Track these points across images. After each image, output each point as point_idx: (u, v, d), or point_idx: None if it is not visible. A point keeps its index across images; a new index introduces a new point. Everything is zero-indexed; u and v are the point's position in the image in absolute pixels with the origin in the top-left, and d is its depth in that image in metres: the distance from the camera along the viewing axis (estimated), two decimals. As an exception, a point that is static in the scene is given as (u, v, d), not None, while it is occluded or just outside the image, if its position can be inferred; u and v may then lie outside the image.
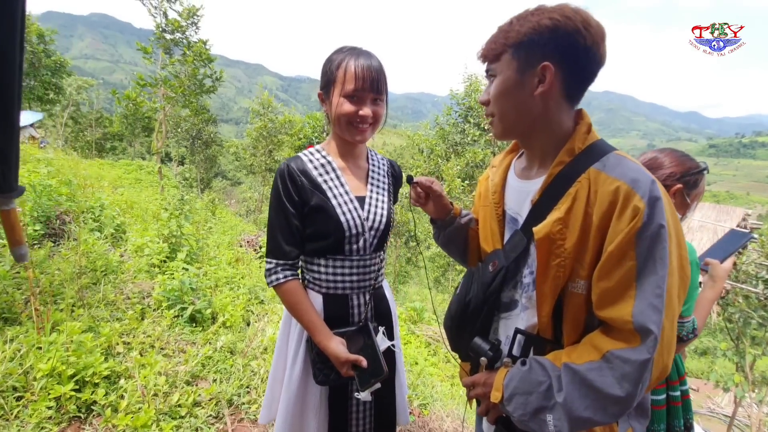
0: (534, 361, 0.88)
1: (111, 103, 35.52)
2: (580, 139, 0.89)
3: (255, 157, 18.13)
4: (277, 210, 1.23)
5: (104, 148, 24.19)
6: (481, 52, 0.95)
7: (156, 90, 10.35)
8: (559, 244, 0.85)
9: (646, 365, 0.75)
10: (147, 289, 3.12)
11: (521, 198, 1.00)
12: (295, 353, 1.28)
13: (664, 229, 0.76)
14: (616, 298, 0.79)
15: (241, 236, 6.93)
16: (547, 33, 0.84)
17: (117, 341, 2.34)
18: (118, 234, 4.22)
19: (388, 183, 1.41)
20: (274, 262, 1.24)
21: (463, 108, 11.82)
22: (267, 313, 3.47)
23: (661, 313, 0.75)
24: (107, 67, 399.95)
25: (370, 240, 1.29)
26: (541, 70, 0.86)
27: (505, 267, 0.98)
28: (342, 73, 1.18)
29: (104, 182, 7.57)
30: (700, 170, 1.37)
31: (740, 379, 5.45)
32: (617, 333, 0.79)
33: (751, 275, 5.45)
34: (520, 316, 0.98)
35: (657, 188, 0.78)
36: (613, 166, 0.82)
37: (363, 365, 1.17)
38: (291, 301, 1.23)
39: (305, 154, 1.30)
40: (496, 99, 0.93)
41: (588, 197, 0.83)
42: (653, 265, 0.76)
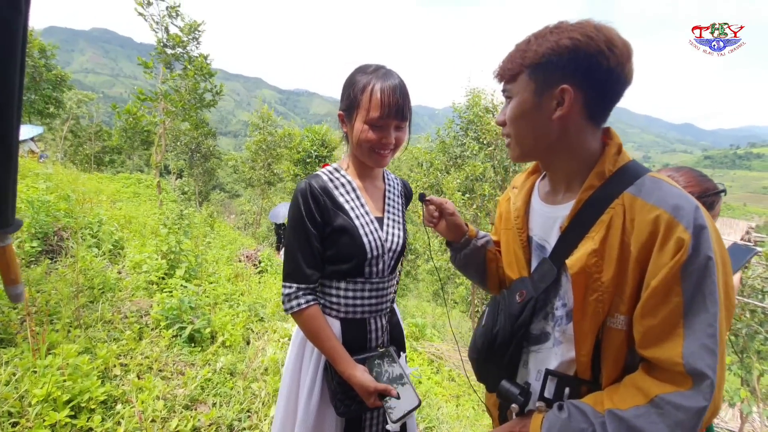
0: (572, 406, 0.81)
1: (111, 116, 35.68)
2: (610, 161, 0.84)
3: (254, 170, 18.15)
4: (298, 231, 1.17)
5: (103, 161, 24.21)
6: (498, 71, 0.91)
7: (156, 104, 10.38)
8: (596, 278, 0.80)
9: (702, 413, 0.69)
10: (145, 307, 3.05)
11: (548, 224, 0.95)
12: (312, 383, 1.22)
13: (712, 261, 0.70)
14: (662, 337, 0.73)
15: (240, 251, 6.86)
16: (566, 54, 0.79)
17: (114, 363, 2.27)
18: (116, 250, 4.16)
19: (402, 203, 1.38)
20: (295, 286, 1.17)
21: (465, 121, 11.88)
22: (267, 331, 3.40)
23: (715, 355, 0.69)
24: (107, 81, 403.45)
25: (388, 262, 1.25)
26: (560, 93, 0.81)
27: (534, 298, 0.93)
28: (367, 98, 1.13)
29: (103, 196, 7.53)
30: (717, 192, 1.34)
31: (746, 394, 5.36)
32: (664, 374, 0.73)
33: (756, 289, 5.41)
34: (553, 350, 0.92)
35: (702, 215, 0.72)
36: (650, 190, 0.77)
37: (393, 395, 1.11)
38: (313, 327, 1.17)
39: (324, 173, 1.25)
40: (513, 121, 0.89)
41: (624, 225, 0.77)
42: (703, 302, 0.70)
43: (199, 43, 10.83)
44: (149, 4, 10.05)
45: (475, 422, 3.31)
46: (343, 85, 1.22)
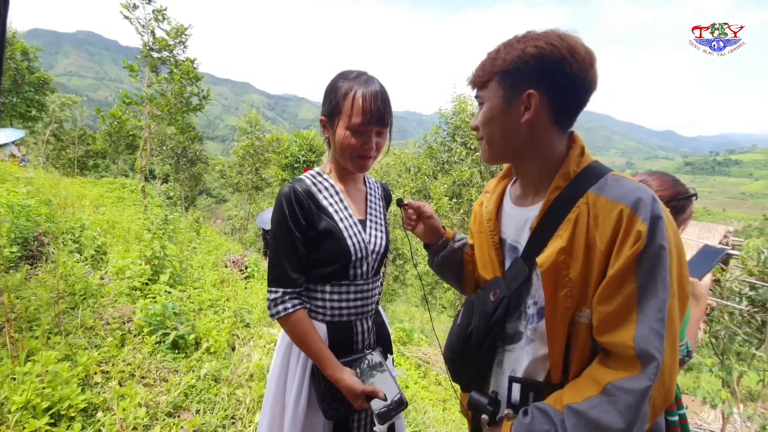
0: (535, 408, 0.84)
1: (95, 120, 35.03)
2: (574, 163, 0.89)
3: (241, 175, 18.01)
4: (282, 235, 1.17)
5: (86, 165, 23.75)
6: (470, 79, 0.96)
7: (141, 108, 10.26)
8: (564, 274, 0.83)
9: (647, 393, 0.73)
10: (128, 313, 3.01)
11: (519, 225, 0.98)
12: (300, 387, 1.22)
13: (665, 250, 0.75)
14: (617, 323, 0.77)
15: (227, 256, 6.80)
16: (532, 61, 0.84)
17: (95, 370, 2.23)
18: (99, 255, 4.09)
19: (383, 206, 1.41)
20: (281, 290, 1.17)
21: (451, 127, 12.01)
22: (253, 336, 3.37)
23: (662, 338, 0.74)
24: (92, 84, 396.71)
25: (372, 264, 1.27)
26: (527, 98, 0.86)
27: (507, 297, 0.96)
28: (349, 105, 1.15)
29: (85, 201, 7.39)
30: (688, 196, 1.39)
31: (727, 395, 5.48)
32: (617, 361, 0.78)
33: (734, 292, 5.56)
34: (525, 349, 0.95)
35: (658, 206, 0.77)
36: (612, 188, 0.81)
37: (380, 397, 1.12)
38: (299, 332, 1.17)
39: (308, 177, 1.26)
40: (484, 125, 0.94)
41: (588, 223, 0.82)
42: (654, 288, 0.75)
43: (186, 46, 10.76)
44: (135, 7, 9.96)
45: (462, 426, 3.32)
46: (325, 91, 1.24)
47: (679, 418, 1.36)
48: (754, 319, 5.37)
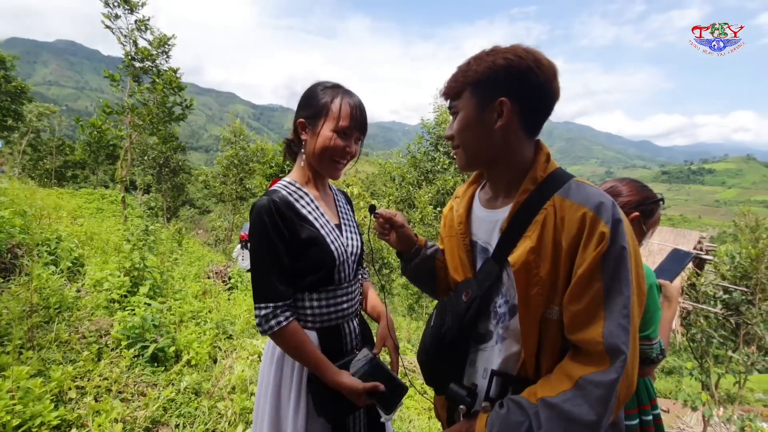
0: (510, 401, 0.87)
1: (74, 130, 34.21)
2: (541, 168, 0.94)
3: (225, 185, 17.79)
4: (266, 249, 1.15)
5: (65, 176, 23.15)
6: (444, 90, 0.99)
7: (123, 118, 10.10)
8: (535, 273, 0.87)
9: (615, 384, 0.77)
10: (105, 326, 2.93)
11: (489, 227, 1.02)
12: (297, 399, 1.21)
13: (626, 251, 0.80)
14: (586, 320, 0.81)
15: (209, 267, 6.68)
16: (502, 71, 0.89)
17: (69, 386, 2.16)
18: (76, 267, 3.98)
19: (350, 209, 1.45)
20: (272, 305, 1.15)
21: (434, 137, 12.16)
22: (236, 348, 3.32)
23: (628, 333, 0.79)
24: (72, 94, 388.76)
25: (352, 266, 1.30)
26: (499, 105, 0.91)
27: (479, 296, 0.99)
28: (337, 108, 1.19)
29: (63, 212, 7.20)
30: (656, 200, 1.44)
31: (707, 398, 5.61)
32: (587, 357, 0.82)
33: (709, 296, 5.72)
34: (497, 347, 0.98)
35: (618, 210, 0.83)
36: (575, 192, 0.87)
37: (381, 389, 1.15)
38: (295, 343, 1.16)
39: (282, 187, 1.26)
40: (460, 133, 0.98)
41: (555, 224, 0.86)
42: (619, 286, 0.80)
43: (169, 56, 10.65)
44: (117, 17, 9.86)
45: (448, 434, 3.31)
46: (304, 97, 1.27)
47: (654, 418, 1.40)
48: (728, 322, 5.54)
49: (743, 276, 5.56)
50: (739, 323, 5.44)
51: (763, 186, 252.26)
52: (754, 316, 5.30)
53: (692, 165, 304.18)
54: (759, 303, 5.34)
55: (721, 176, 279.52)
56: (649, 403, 1.40)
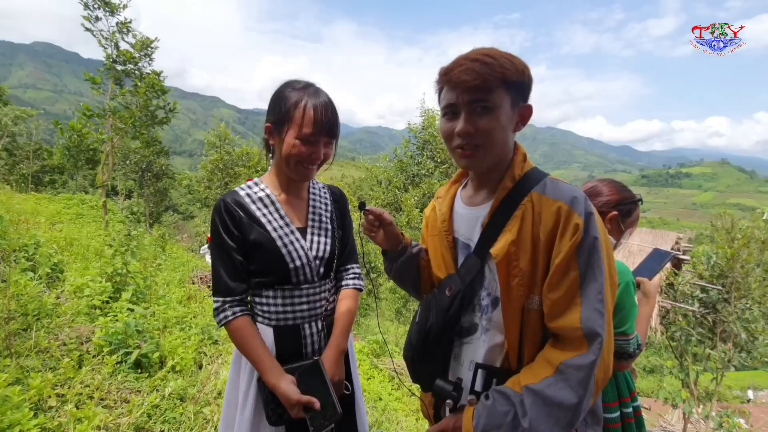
0: (495, 391, 0.90)
1: (52, 134, 33.27)
2: (518, 167, 0.98)
3: (210, 189, 17.59)
4: (218, 246, 1.20)
5: (42, 181, 22.49)
6: (475, 80, 0.89)
7: (104, 121, 9.91)
8: (515, 264, 0.91)
9: (594, 366, 0.81)
10: (86, 333, 2.86)
11: (471, 224, 1.05)
12: (246, 394, 1.22)
13: (598, 240, 0.86)
14: (565, 307, 0.86)
15: (194, 273, 6.59)
16: (527, 77, 0.93)
17: (49, 393, 2.10)
18: (55, 274, 3.88)
19: (331, 210, 1.41)
20: (221, 300, 1.20)
21: (420, 141, 12.26)
22: (221, 353, 3.28)
23: (603, 316, 0.83)
24: (50, 97, 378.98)
25: (316, 269, 1.28)
26: (525, 110, 0.96)
27: (462, 290, 1.01)
28: (300, 114, 1.16)
29: (41, 218, 7.01)
30: (634, 200, 1.49)
31: (687, 395, 5.76)
32: (567, 343, 0.86)
33: (687, 295, 5.89)
34: (481, 339, 1.00)
35: (590, 204, 0.88)
36: (551, 188, 0.92)
37: (315, 407, 1.12)
38: (240, 339, 1.18)
39: (243, 188, 1.28)
40: (490, 132, 0.92)
41: (533, 218, 0.91)
42: (593, 274, 0.85)
43: (151, 59, 10.52)
44: (98, 19, 9.70)
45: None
46: (272, 98, 1.24)
47: (633, 410, 1.44)
48: (706, 320, 5.71)
49: (719, 275, 5.74)
50: (716, 321, 5.62)
51: (737, 189, 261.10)
52: (730, 314, 5.48)
53: (670, 169, 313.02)
54: (734, 301, 5.52)
55: (697, 180, 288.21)
56: (629, 396, 1.44)
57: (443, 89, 0.97)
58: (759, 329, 5.51)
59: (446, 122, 0.98)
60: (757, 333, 5.53)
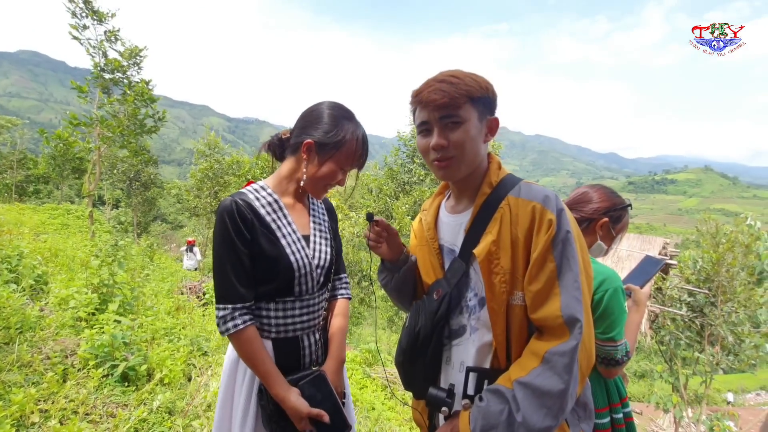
0: (488, 392, 0.92)
1: (37, 143, 32.77)
2: (494, 174, 1.06)
3: (199, 198, 17.39)
4: (227, 250, 1.14)
5: (26, 191, 22.06)
6: (443, 99, 0.98)
7: (91, 130, 9.78)
8: (496, 263, 0.96)
9: (576, 350, 0.86)
10: (71, 346, 2.79)
11: (455, 230, 1.11)
12: (246, 407, 1.19)
13: (570, 234, 0.92)
14: (545, 297, 0.90)
15: (183, 283, 6.49)
16: (490, 93, 1.02)
17: (32, 409, 2.04)
18: (39, 285, 3.79)
19: (327, 220, 1.42)
20: (230, 307, 1.14)
21: (410, 149, 12.33)
22: (211, 365, 3.22)
23: (581, 303, 0.88)
24: (35, 106, 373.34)
25: (317, 279, 1.28)
26: (492, 122, 1.04)
27: (449, 293, 1.06)
28: (352, 148, 1.21)
29: (24, 228, 6.86)
30: (624, 206, 1.52)
31: (677, 400, 5.80)
32: (550, 333, 0.90)
33: (675, 299, 5.97)
34: (471, 339, 1.04)
35: (561, 202, 0.95)
36: (525, 191, 1.00)
37: (324, 420, 1.12)
38: (249, 350, 1.14)
39: (250, 191, 1.25)
40: (461, 143, 1.01)
41: (511, 219, 0.97)
42: (568, 264, 0.90)
43: (140, 68, 10.45)
44: (85, 28, 9.62)
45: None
46: (316, 118, 1.22)
47: (624, 416, 1.44)
48: (694, 324, 5.78)
49: (706, 279, 5.83)
50: (704, 325, 5.69)
51: (721, 195, 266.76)
52: (717, 318, 5.56)
53: (656, 176, 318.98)
54: (721, 305, 5.60)
55: (682, 186, 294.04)
56: (619, 402, 1.44)
57: (416, 109, 1.06)
58: (745, 332, 5.60)
59: (422, 138, 1.07)
60: (744, 336, 5.61)
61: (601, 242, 1.51)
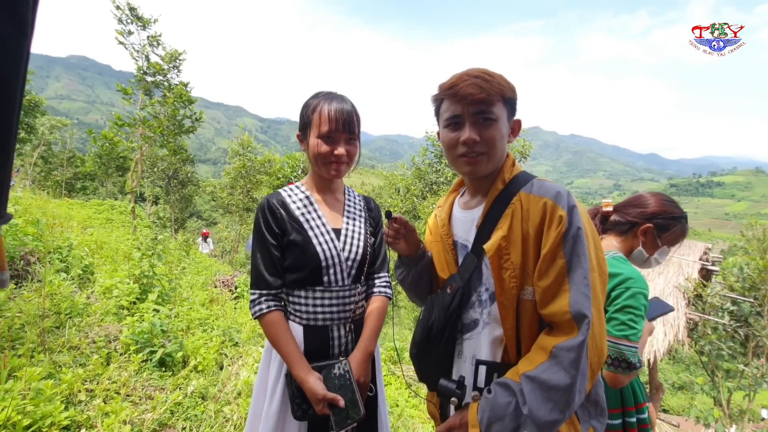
0: (496, 384, 0.94)
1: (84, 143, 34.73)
2: (508, 171, 1.07)
3: (232, 196, 17.97)
4: (259, 242, 1.28)
5: (74, 188, 23.48)
6: (481, 94, 1.00)
7: (134, 130, 10.32)
8: (506, 258, 0.97)
9: (583, 345, 0.86)
10: (114, 332, 2.98)
11: (467, 226, 1.13)
12: (274, 387, 1.27)
13: (581, 230, 0.91)
14: (555, 293, 0.91)
15: (216, 277, 6.75)
16: (515, 95, 1.05)
17: (79, 388, 2.20)
18: (86, 275, 4.05)
19: (365, 217, 1.46)
20: (258, 292, 1.26)
21: (438, 149, 12.26)
22: (242, 355, 3.35)
23: (590, 299, 0.88)
24: (83, 107, 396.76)
25: (347, 271, 1.32)
26: (516, 124, 1.08)
27: (461, 287, 1.08)
28: (317, 116, 1.28)
29: (73, 222, 7.32)
30: (673, 216, 1.44)
31: (719, 414, 5.50)
32: (558, 329, 0.90)
33: (716, 307, 5.66)
34: (483, 332, 1.05)
35: (573, 199, 0.95)
36: (538, 187, 1.02)
37: (340, 405, 1.16)
38: (273, 332, 1.24)
39: (285, 190, 1.37)
40: (493, 140, 1.04)
41: (522, 215, 0.98)
42: (579, 261, 0.90)
43: (179, 71, 10.92)
44: (130, 33, 10.15)
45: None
46: (300, 112, 1.37)
47: (638, 421, 1.39)
48: (737, 334, 5.46)
49: (751, 287, 5.49)
50: (748, 335, 5.36)
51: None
52: (763, 328, 5.22)
53: (701, 178, 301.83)
54: (767, 314, 5.26)
55: (730, 189, 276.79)
56: (634, 407, 1.40)
57: (444, 102, 1.08)
58: (795, 344, 5.23)
59: (449, 132, 1.08)
60: (794, 348, 5.25)
61: (642, 249, 1.44)
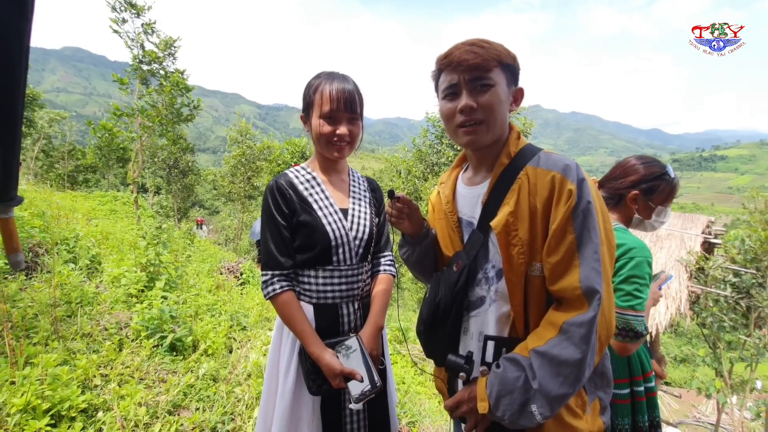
0: (505, 359, 0.93)
1: (83, 135, 34.61)
2: (513, 144, 1.03)
3: (233, 184, 17.98)
4: (269, 223, 1.29)
5: (77, 180, 23.52)
6: (476, 59, 0.97)
7: (132, 120, 10.26)
8: (514, 234, 0.95)
9: (594, 321, 0.85)
10: (125, 319, 3.04)
11: (472, 202, 1.10)
12: (288, 364, 1.30)
13: (591, 204, 0.89)
14: (564, 269, 0.89)
15: (221, 264, 6.82)
16: (516, 63, 1.01)
17: (94, 373, 2.27)
18: (94, 265, 4.11)
19: (370, 197, 1.48)
20: (270, 273, 1.28)
21: (439, 130, 12.16)
22: (250, 339, 3.42)
23: (601, 275, 0.86)
24: (80, 99, 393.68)
25: (355, 249, 1.35)
26: (518, 92, 1.04)
27: (467, 264, 1.06)
28: (319, 96, 1.28)
29: (78, 214, 7.38)
30: (653, 176, 1.44)
31: (721, 385, 5.59)
32: (568, 304, 0.89)
33: (718, 279, 5.69)
34: (490, 310, 1.04)
35: (582, 171, 0.92)
36: (545, 161, 0.96)
37: (357, 378, 1.20)
38: (286, 312, 1.26)
39: (291, 171, 1.38)
40: (491, 107, 0.99)
41: (529, 190, 0.95)
42: (589, 236, 0.88)
43: (175, 58, 10.78)
44: (124, 21, 9.99)
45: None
46: (303, 92, 1.37)
47: (646, 390, 1.42)
48: (739, 306, 5.50)
49: (753, 259, 5.51)
50: (750, 306, 5.41)
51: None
52: (765, 299, 5.27)
53: (704, 152, 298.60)
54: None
55: (733, 163, 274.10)
56: (641, 376, 1.43)
57: (442, 73, 1.04)
58: (797, 315, 5.28)
59: (447, 103, 1.04)
60: (795, 318, 5.30)
61: (638, 216, 1.47)
